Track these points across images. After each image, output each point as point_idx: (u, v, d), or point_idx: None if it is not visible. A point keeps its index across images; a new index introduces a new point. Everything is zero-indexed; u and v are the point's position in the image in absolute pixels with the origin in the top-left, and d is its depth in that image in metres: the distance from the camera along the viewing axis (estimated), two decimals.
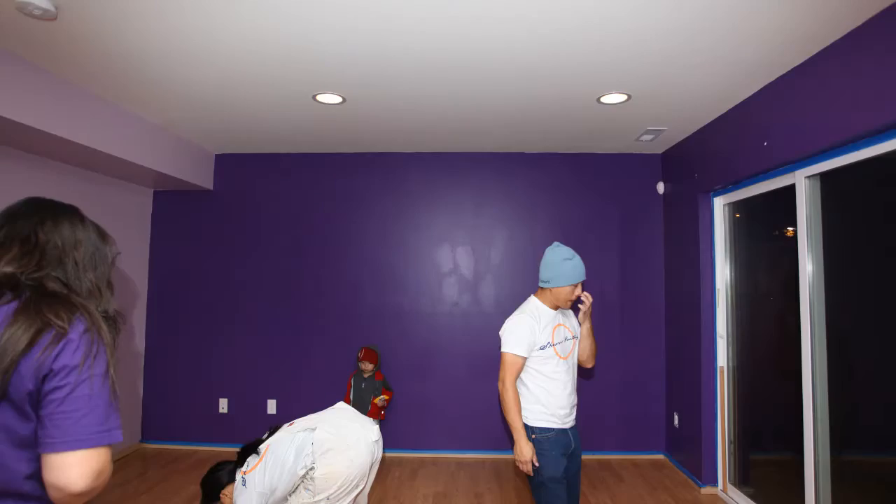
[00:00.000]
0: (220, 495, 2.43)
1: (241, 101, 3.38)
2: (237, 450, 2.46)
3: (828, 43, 2.51)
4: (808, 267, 2.86)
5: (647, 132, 3.93)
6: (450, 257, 4.62)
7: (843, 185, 2.78)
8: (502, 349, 2.25)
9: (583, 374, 4.48)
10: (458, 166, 4.66)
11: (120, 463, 4.17)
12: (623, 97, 3.22)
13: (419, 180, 4.66)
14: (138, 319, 4.60)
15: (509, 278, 4.59)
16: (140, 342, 4.61)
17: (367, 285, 4.61)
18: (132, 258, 4.51)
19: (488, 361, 4.52)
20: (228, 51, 2.66)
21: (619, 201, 4.60)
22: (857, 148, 2.48)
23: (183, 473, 3.98)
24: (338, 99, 3.32)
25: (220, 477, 2.45)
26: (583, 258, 4.63)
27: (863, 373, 2.79)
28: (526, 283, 4.56)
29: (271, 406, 4.55)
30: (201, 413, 4.58)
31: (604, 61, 2.72)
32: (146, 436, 4.61)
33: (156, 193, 4.76)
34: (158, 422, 4.61)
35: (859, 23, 2.31)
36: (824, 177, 2.82)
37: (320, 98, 3.31)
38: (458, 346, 4.55)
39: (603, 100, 3.27)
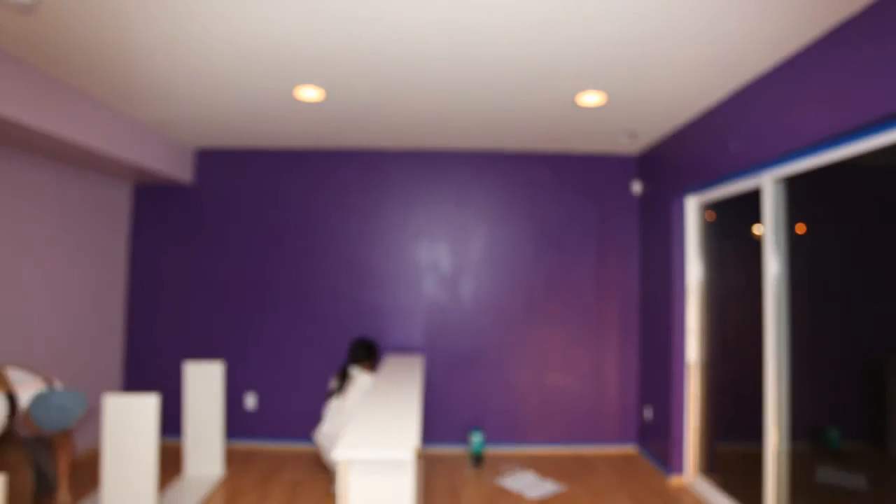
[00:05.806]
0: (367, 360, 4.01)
1: (222, 94, 3.38)
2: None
3: (786, 53, 2.64)
4: (773, 267, 3.00)
5: (624, 133, 4.04)
6: (429, 254, 4.68)
7: (808, 188, 2.92)
8: None
9: (558, 367, 4.60)
10: (438, 164, 4.71)
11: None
12: (600, 97, 3.31)
13: (399, 177, 4.70)
14: (117, 313, 4.55)
15: (488, 275, 4.67)
16: (119, 334, 4.57)
17: (346, 281, 4.64)
18: (110, 252, 4.47)
19: (465, 357, 4.61)
20: (209, 44, 2.67)
21: (595, 200, 4.72)
22: (816, 152, 2.62)
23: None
24: (318, 94, 3.34)
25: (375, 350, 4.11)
26: (560, 255, 4.76)
27: (824, 369, 2.95)
28: (504, 280, 4.65)
29: (250, 400, 4.56)
30: (181, 406, 4.57)
31: (582, 61, 2.79)
32: None
33: (135, 188, 4.71)
34: None
35: (817, 34, 2.43)
36: (790, 180, 2.96)
37: (300, 93, 3.32)
38: (436, 342, 4.62)
39: (581, 98, 3.34)
